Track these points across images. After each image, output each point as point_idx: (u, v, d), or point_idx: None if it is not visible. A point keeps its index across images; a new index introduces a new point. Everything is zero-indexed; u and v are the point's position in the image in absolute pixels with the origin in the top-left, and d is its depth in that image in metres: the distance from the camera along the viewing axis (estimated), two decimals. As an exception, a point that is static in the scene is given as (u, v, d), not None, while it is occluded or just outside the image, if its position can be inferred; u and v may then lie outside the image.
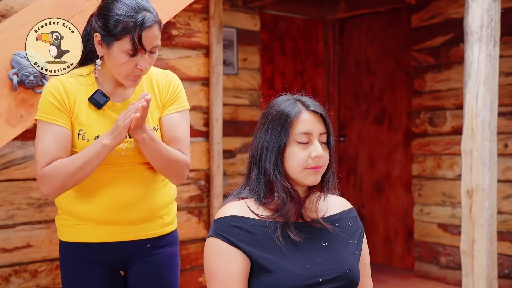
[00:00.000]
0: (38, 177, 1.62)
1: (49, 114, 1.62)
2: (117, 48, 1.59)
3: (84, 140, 1.64)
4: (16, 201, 3.12)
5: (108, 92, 1.69)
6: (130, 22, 1.57)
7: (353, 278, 1.45)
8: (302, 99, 1.49)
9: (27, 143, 3.15)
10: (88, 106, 1.66)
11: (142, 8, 1.60)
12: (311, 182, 1.45)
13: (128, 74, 1.63)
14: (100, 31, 1.61)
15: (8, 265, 3.10)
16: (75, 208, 1.72)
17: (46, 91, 1.64)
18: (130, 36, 1.57)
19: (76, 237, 1.75)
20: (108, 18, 1.59)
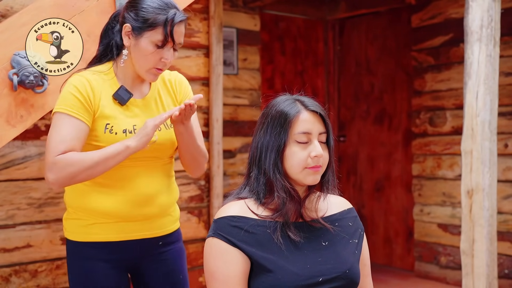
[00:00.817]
0: (48, 164, 1.59)
1: (71, 107, 1.62)
2: (146, 38, 1.65)
3: (112, 133, 1.67)
4: (16, 201, 3.13)
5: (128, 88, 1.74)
6: (163, 14, 1.64)
7: (353, 277, 1.45)
8: (302, 99, 1.49)
9: (27, 143, 3.16)
10: (113, 101, 1.69)
11: (173, 5, 1.69)
12: (311, 181, 1.45)
13: (152, 67, 1.68)
14: (131, 21, 1.66)
15: (8, 265, 3.10)
16: (95, 204, 1.71)
17: (70, 86, 1.65)
18: (162, 28, 1.63)
19: (90, 237, 1.73)
20: (141, 9, 1.65)
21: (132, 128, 1.70)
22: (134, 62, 1.69)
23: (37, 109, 1.77)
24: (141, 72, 1.70)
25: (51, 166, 1.59)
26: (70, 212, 1.79)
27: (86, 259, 1.74)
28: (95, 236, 1.73)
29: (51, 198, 3.23)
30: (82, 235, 1.74)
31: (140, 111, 1.74)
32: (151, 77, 1.72)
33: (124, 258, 1.76)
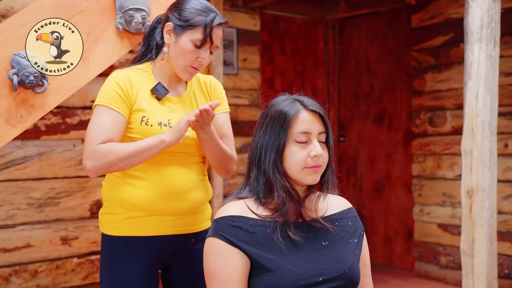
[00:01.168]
0: (87, 152, 1.67)
1: (112, 101, 1.71)
2: (186, 37, 1.74)
3: (148, 125, 1.74)
4: (16, 201, 3.13)
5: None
6: (204, 16, 1.75)
7: (353, 277, 1.45)
8: (301, 99, 1.49)
9: (27, 143, 3.16)
10: (150, 96, 1.78)
11: (213, 10, 1.79)
12: (311, 181, 1.45)
13: (188, 65, 1.77)
14: (173, 20, 1.77)
15: (8, 265, 3.10)
16: (129, 196, 1.75)
17: (112, 81, 1.74)
18: (202, 28, 1.74)
19: (123, 232, 1.77)
20: (184, 9, 1.76)
21: (167, 121, 1.76)
22: (173, 59, 1.78)
23: (37, 109, 1.77)
24: (178, 69, 1.79)
25: (90, 154, 1.67)
26: (106, 206, 1.83)
27: (118, 253, 1.77)
28: (128, 230, 1.76)
29: (51, 198, 3.24)
30: (116, 229, 1.78)
31: (176, 107, 1.81)
32: (187, 76, 1.80)
33: (156, 253, 1.79)
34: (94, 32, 1.88)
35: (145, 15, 1.96)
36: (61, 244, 3.26)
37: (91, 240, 3.37)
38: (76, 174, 3.32)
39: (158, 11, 2.01)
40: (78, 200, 3.32)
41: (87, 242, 3.35)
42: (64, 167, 3.28)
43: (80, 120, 3.33)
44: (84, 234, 3.34)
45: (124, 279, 1.76)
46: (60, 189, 3.27)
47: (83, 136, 3.34)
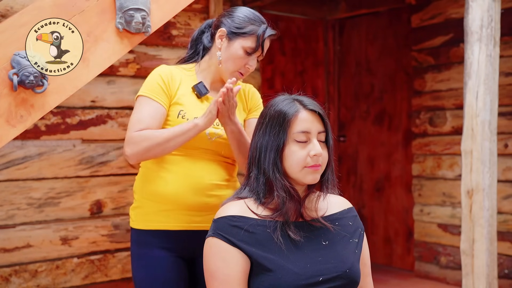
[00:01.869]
0: (126, 139, 1.76)
1: (153, 92, 1.80)
2: (239, 44, 1.84)
3: (184, 119, 1.81)
4: (16, 201, 3.13)
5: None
6: (257, 26, 1.87)
7: (353, 277, 1.45)
8: (300, 99, 1.49)
9: (27, 143, 3.16)
10: (190, 93, 1.86)
11: (264, 21, 1.91)
12: (311, 181, 1.45)
13: (236, 70, 1.86)
14: (227, 26, 1.86)
15: (8, 265, 3.10)
16: (159, 188, 1.80)
17: (155, 74, 1.84)
18: (255, 37, 1.85)
19: (152, 225, 1.82)
20: (238, 17, 1.87)
21: None
22: (222, 63, 1.87)
23: (37, 109, 1.77)
24: (226, 73, 1.87)
25: (129, 140, 1.75)
26: (136, 199, 1.88)
27: (148, 247, 1.81)
28: (157, 224, 1.81)
29: (51, 198, 3.24)
30: (145, 223, 1.83)
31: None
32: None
33: (183, 247, 1.83)
34: (94, 32, 1.88)
35: (145, 15, 1.95)
36: (61, 244, 3.26)
37: (91, 240, 3.37)
38: (76, 174, 3.32)
39: (158, 11, 2.01)
40: (78, 200, 3.32)
41: (87, 242, 3.35)
42: (64, 167, 3.28)
43: (80, 120, 3.33)
44: (84, 234, 3.34)
45: (155, 271, 1.80)
46: (60, 189, 3.27)
47: (83, 136, 3.34)
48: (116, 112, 3.45)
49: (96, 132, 3.38)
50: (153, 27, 1.99)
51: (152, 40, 3.46)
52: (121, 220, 3.47)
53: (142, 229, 1.84)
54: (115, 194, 3.45)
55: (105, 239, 3.42)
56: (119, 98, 3.45)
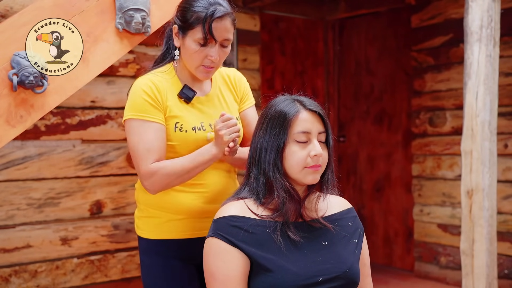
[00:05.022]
0: (144, 173, 1.66)
1: (145, 112, 1.68)
2: (190, 38, 1.70)
3: (182, 131, 1.72)
4: (16, 201, 3.13)
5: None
6: (202, 12, 1.67)
7: (353, 277, 1.45)
8: (300, 99, 1.49)
9: (27, 143, 3.16)
10: (178, 100, 1.75)
11: (216, 2, 1.71)
12: (311, 181, 1.45)
13: (199, 64, 1.72)
14: (177, 22, 1.74)
15: (8, 265, 3.10)
16: (167, 199, 1.76)
17: (138, 90, 1.70)
18: (201, 26, 1.67)
19: (163, 235, 1.77)
20: (186, 10, 1.71)
21: (200, 125, 1.75)
22: (184, 61, 1.76)
23: (37, 109, 1.77)
24: (192, 70, 1.76)
25: (148, 176, 1.66)
26: (142, 209, 1.82)
27: (158, 256, 1.78)
28: (168, 234, 1.77)
29: (51, 198, 3.23)
30: (156, 233, 1.78)
31: (205, 108, 1.79)
32: (201, 75, 1.76)
33: (194, 255, 1.79)
34: (94, 32, 1.88)
35: (144, 15, 1.95)
36: (61, 244, 3.26)
37: (91, 241, 3.37)
38: (76, 174, 3.32)
39: (158, 11, 2.01)
40: (78, 200, 3.32)
41: (87, 243, 3.35)
42: (64, 167, 3.28)
43: (80, 121, 3.33)
44: (84, 234, 3.34)
45: (168, 280, 1.78)
46: (60, 190, 3.27)
47: (83, 136, 3.34)
48: (116, 112, 3.45)
49: (96, 133, 3.38)
50: (153, 28, 2.00)
51: (152, 40, 3.44)
52: (121, 221, 3.47)
53: (153, 239, 1.79)
54: (115, 194, 3.45)
55: (105, 239, 3.42)
56: (119, 98, 3.45)
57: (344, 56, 4.92)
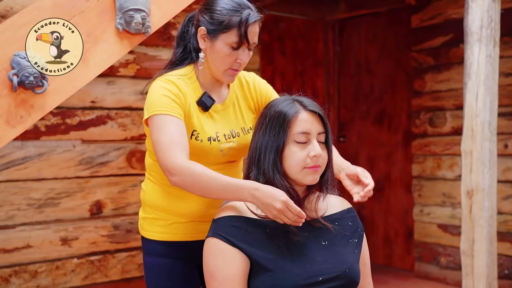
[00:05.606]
0: (171, 169, 1.54)
1: (168, 108, 1.62)
2: (222, 41, 1.67)
3: (198, 140, 1.69)
4: (16, 201, 3.12)
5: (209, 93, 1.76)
6: (237, 16, 1.65)
7: (353, 277, 1.45)
8: (300, 99, 1.50)
9: (27, 144, 3.16)
10: (196, 108, 1.71)
11: (246, 5, 1.69)
12: (310, 181, 1.46)
13: (228, 68, 1.70)
14: (206, 24, 1.69)
15: (8, 265, 3.10)
16: (175, 203, 1.75)
17: (159, 88, 1.66)
18: (236, 29, 1.65)
19: (167, 237, 1.78)
20: (215, 12, 1.67)
21: (215, 135, 1.72)
22: (211, 64, 1.72)
23: (37, 109, 1.76)
24: (218, 74, 1.72)
25: (176, 171, 1.53)
26: (148, 211, 1.82)
27: (162, 257, 1.78)
28: (172, 236, 1.77)
29: (51, 198, 3.23)
30: (159, 234, 1.78)
31: (220, 117, 1.76)
32: (228, 78, 1.74)
33: (196, 256, 1.78)
34: (94, 33, 1.88)
35: (145, 15, 1.95)
36: (61, 244, 3.26)
37: (91, 241, 3.37)
38: (76, 174, 3.32)
39: (158, 11, 2.01)
40: (78, 200, 3.32)
41: (87, 243, 3.35)
42: (64, 167, 3.28)
43: (80, 121, 3.33)
44: (84, 234, 3.34)
45: (167, 280, 1.78)
46: (60, 190, 3.27)
47: (83, 136, 3.34)
48: (116, 112, 3.45)
49: (96, 133, 3.38)
50: (153, 28, 2.00)
51: (152, 40, 3.45)
52: (121, 221, 3.47)
53: (157, 240, 1.79)
54: (115, 195, 3.45)
55: (105, 239, 3.42)
56: (119, 99, 3.45)
57: (344, 56, 4.92)
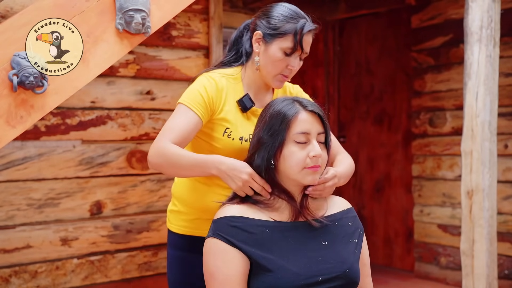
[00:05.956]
0: (154, 144, 1.66)
1: (194, 102, 1.70)
2: (276, 46, 1.73)
3: (230, 138, 1.73)
4: (16, 202, 3.13)
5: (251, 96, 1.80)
6: (293, 23, 1.73)
7: (353, 277, 1.45)
8: (300, 100, 1.50)
9: (27, 144, 3.16)
10: (236, 107, 1.76)
11: (303, 15, 1.77)
12: (310, 181, 1.46)
13: (278, 73, 1.75)
14: (262, 29, 1.76)
15: (8, 266, 3.10)
16: (201, 200, 1.79)
17: (199, 85, 1.74)
18: (292, 36, 1.71)
19: (190, 231, 1.83)
20: (273, 17, 1.75)
21: (248, 136, 1.75)
22: (262, 68, 1.77)
23: (37, 110, 1.77)
24: (268, 77, 1.77)
25: (155, 148, 1.65)
26: (175, 204, 1.87)
27: (185, 251, 1.83)
28: (195, 231, 1.81)
29: (51, 199, 3.23)
30: (183, 228, 1.84)
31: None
32: (277, 84, 1.78)
33: None
34: (94, 33, 1.88)
35: (145, 15, 1.95)
36: (61, 245, 3.26)
37: (91, 241, 3.37)
38: (76, 175, 3.32)
39: (158, 11, 2.01)
40: (78, 201, 3.32)
41: (87, 243, 3.35)
42: (64, 167, 3.28)
43: (80, 121, 3.33)
44: (84, 235, 3.34)
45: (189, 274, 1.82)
46: (60, 190, 3.27)
47: (83, 136, 3.34)
48: (116, 112, 3.45)
49: (96, 133, 3.38)
50: (153, 28, 2.00)
51: (152, 40, 3.45)
52: (121, 221, 3.47)
53: (180, 233, 1.85)
54: (115, 195, 3.45)
55: (105, 239, 3.42)
56: (119, 99, 3.45)
57: (344, 56, 4.92)
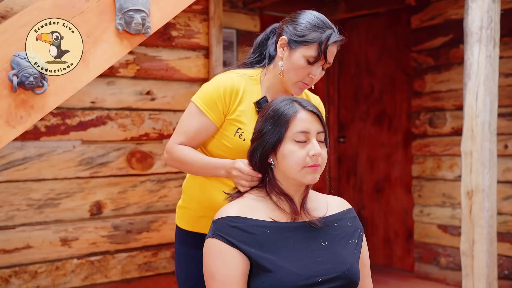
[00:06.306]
0: (168, 146, 1.79)
1: (206, 105, 1.75)
2: (300, 53, 1.73)
3: (241, 138, 1.75)
4: (16, 202, 3.13)
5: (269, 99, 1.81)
6: (320, 33, 1.73)
7: (352, 277, 1.45)
8: (298, 99, 1.51)
9: (26, 144, 3.16)
10: (252, 108, 1.77)
11: (330, 25, 1.77)
12: (310, 180, 1.46)
13: (299, 80, 1.76)
14: (288, 35, 1.76)
15: (8, 266, 3.10)
16: (209, 197, 1.81)
17: (216, 85, 1.76)
18: (317, 45, 1.71)
19: (197, 228, 1.86)
20: (300, 25, 1.75)
21: None
22: (284, 73, 1.77)
23: (37, 110, 1.77)
24: (289, 83, 1.77)
25: (168, 150, 1.79)
26: (185, 200, 1.91)
27: (191, 248, 1.86)
28: (202, 228, 1.83)
29: (50, 199, 3.24)
30: (191, 225, 1.87)
31: None
32: (296, 90, 1.79)
33: None
34: (94, 33, 1.88)
35: (144, 16, 1.96)
36: (60, 245, 3.26)
37: (91, 241, 3.37)
38: (76, 175, 3.32)
39: (158, 12, 2.01)
40: (77, 201, 3.32)
41: (87, 243, 3.35)
42: (64, 168, 3.28)
43: (80, 121, 3.33)
44: (84, 235, 3.34)
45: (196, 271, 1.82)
46: (60, 190, 3.27)
47: (83, 137, 3.34)
48: (116, 113, 3.45)
49: (96, 133, 3.38)
50: (153, 28, 2.00)
51: (152, 41, 3.46)
52: (121, 221, 3.47)
53: (187, 230, 1.88)
54: (115, 195, 3.45)
55: (105, 240, 3.42)
56: (119, 99, 3.45)
57: (344, 56, 4.92)
